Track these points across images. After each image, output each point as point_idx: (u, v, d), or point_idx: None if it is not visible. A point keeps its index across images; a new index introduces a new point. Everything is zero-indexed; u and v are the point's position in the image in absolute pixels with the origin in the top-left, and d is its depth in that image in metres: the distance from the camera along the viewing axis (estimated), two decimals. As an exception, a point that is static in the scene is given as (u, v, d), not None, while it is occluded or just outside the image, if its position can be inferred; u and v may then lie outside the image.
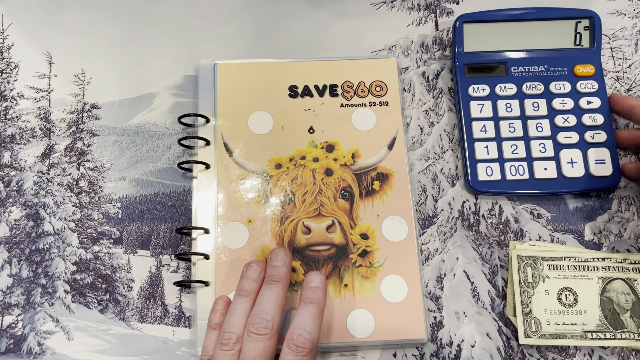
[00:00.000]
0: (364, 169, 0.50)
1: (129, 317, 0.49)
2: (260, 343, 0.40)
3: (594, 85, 0.52)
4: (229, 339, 0.41)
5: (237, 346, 0.40)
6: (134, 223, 0.52)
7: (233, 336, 0.41)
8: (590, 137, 0.51)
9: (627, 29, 0.58)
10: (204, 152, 0.51)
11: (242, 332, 0.41)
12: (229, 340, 0.41)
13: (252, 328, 0.40)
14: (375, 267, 0.48)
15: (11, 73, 0.56)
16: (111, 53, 0.56)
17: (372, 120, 0.52)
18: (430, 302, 0.49)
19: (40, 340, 0.47)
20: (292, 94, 0.53)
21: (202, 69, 0.54)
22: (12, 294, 0.48)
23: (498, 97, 0.52)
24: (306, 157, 0.51)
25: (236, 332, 0.41)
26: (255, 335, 0.40)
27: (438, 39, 0.57)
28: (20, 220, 0.51)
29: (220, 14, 0.58)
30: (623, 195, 0.52)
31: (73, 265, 0.50)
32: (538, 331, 0.45)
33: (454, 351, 0.47)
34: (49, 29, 0.57)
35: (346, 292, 0.47)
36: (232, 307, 0.43)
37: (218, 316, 0.44)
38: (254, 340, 0.40)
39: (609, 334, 0.45)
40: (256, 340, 0.40)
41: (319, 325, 0.41)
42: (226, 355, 0.40)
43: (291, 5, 0.58)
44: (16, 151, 0.53)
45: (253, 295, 0.43)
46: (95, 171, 0.53)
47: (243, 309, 0.42)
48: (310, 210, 0.49)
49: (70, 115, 0.55)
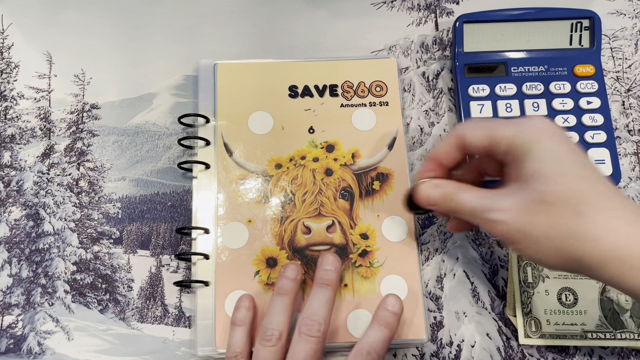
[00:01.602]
0: (364, 169, 0.50)
1: (129, 317, 0.49)
2: (312, 345, 0.40)
3: (594, 85, 0.52)
4: (272, 335, 0.41)
5: (280, 343, 0.41)
6: (134, 223, 0.52)
7: (276, 333, 0.41)
8: (590, 137, 0.51)
9: (627, 29, 0.58)
10: (204, 152, 0.51)
11: (284, 329, 0.41)
12: (271, 337, 0.41)
13: (304, 329, 0.40)
14: (375, 267, 0.48)
15: (11, 73, 0.56)
16: (111, 53, 0.56)
17: (372, 121, 0.52)
18: (430, 302, 0.49)
19: (40, 340, 0.47)
20: (292, 94, 0.53)
21: (202, 69, 0.54)
22: (12, 294, 0.48)
23: (498, 97, 0.52)
24: (306, 157, 0.51)
25: (279, 329, 0.41)
26: (307, 337, 0.40)
27: (438, 39, 0.57)
28: (20, 220, 0.51)
29: (220, 14, 0.58)
30: (623, 195, 0.52)
31: (73, 265, 0.50)
32: (538, 331, 0.45)
33: (454, 351, 0.47)
34: (49, 29, 0.57)
35: (346, 292, 0.47)
36: (271, 305, 0.43)
37: (243, 312, 0.44)
38: (305, 341, 0.40)
39: (609, 334, 0.45)
40: (307, 342, 0.40)
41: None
42: (269, 352, 0.40)
43: (291, 5, 0.58)
44: (16, 151, 0.53)
45: (291, 294, 0.43)
46: (95, 171, 0.53)
47: (283, 306, 0.42)
48: (310, 210, 0.49)
49: (70, 115, 0.55)
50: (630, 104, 0.55)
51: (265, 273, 0.47)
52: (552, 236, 0.33)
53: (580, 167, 0.33)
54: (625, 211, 0.32)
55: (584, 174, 0.33)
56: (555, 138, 0.34)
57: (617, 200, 0.32)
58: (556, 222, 0.32)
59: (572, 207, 0.32)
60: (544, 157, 0.34)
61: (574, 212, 0.32)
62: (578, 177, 0.33)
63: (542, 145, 0.34)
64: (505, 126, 0.36)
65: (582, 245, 0.32)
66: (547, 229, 0.33)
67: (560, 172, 0.33)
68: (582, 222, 0.32)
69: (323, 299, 0.42)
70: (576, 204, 0.32)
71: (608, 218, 0.32)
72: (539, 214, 0.33)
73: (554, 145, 0.34)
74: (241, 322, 0.44)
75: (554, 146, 0.34)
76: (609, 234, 0.31)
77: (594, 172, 0.34)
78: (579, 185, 0.32)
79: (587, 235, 0.32)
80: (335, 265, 0.45)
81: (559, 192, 0.33)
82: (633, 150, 0.54)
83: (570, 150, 0.34)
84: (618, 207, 0.32)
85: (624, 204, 0.32)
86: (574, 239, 0.32)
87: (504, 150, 0.36)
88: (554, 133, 0.34)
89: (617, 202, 0.32)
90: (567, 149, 0.34)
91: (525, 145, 0.35)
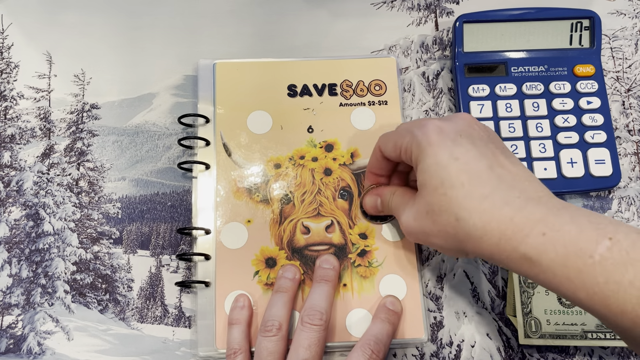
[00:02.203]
0: (363, 169, 0.50)
1: (129, 317, 0.49)
2: (315, 333, 0.41)
3: (594, 85, 0.52)
4: (272, 326, 0.41)
5: (280, 333, 0.41)
6: (134, 223, 0.52)
7: (276, 323, 0.42)
8: (590, 137, 0.51)
9: (627, 29, 0.58)
10: (204, 152, 0.51)
11: (284, 321, 0.42)
12: (272, 327, 0.41)
13: (307, 319, 0.41)
14: (374, 266, 0.48)
15: (11, 73, 0.56)
16: (111, 53, 0.56)
17: (371, 120, 0.52)
18: (430, 302, 0.49)
19: (40, 340, 0.47)
20: (291, 93, 0.53)
21: (201, 69, 0.54)
22: (12, 294, 0.48)
23: (498, 97, 0.52)
24: (305, 157, 0.51)
25: (279, 320, 0.42)
26: (310, 325, 0.41)
27: (438, 39, 0.57)
28: (20, 220, 0.51)
29: (220, 14, 0.58)
30: (623, 196, 0.52)
31: (73, 265, 0.50)
32: (538, 331, 0.45)
33: (454, 351, 0.47)
34: (49, 29, 0.57)
35: (345, 291, 0.47)
36: (271, 302, 0.44)
37: (238, 311, 0.45)
38: (308, 330, 0.41)
39: (609, 334, 0.45)
40: (311, 330, 0.41)
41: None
42: (270, 341, 0.41)
43: (291, 5, 0.58)
44: (16, 151, 0.53)
45: (290, 292, 0.44)
46: (95, 171, 0.53)
47: (282, 302, 0.43)
48: (309, 210, 0.49)
49: (70, 115, 0.55)
50: (630, 104, 0.55)
51: (264, 273, 0.47)
52: (445, 238, 0.37)
53: (459, 174, 0.35)
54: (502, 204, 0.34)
55: (463, 180, 0.35)
56: (439, 146, 0.36)
57: (493, 197, 0.34)
58: (443, 229, 0.36)
59: (454, 214, 0.35)
60: (427, 168, 0.37)
61: (455, 218, 0.35)
62: (456, 186, 0.35)
63: (426, 156, 0.37)
64: (404, 135, 0.39)
65: (466, 244, 0.35)
66: (438, 233, 0.37)
67: (440, 183, 0.36)
68: (464, 226, 0.35)
69: (323, 292, 0.43)
70: (457, 212, 0.35)
71: (484, 217, 0.34)
72: (429, 222, 0.37)
73: (437, 155, 0.36)
74: (237, 321, 0.44)
75: (437, 156, 0.36)
76: (487, 232, 0.34)
77: (474, 175, 0.35)
78: (457, 193, 0.35)
79: (470, 236, 0.35)
80: (333, 264, 0.46)
81: (441, 203, 0.36)
82: (633, 150, 0.54)
83: (451, 158, 0.36)
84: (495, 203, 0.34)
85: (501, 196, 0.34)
86: (460, 240, 0.36)
87: (408, 160, 0.40)
88: (440, 140, 0.37)
89: (494, 199, 0.34)
90: (449, 156, 0.36)
91: (415, 155, 0.38)
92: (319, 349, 0.41)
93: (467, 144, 0.36)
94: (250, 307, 0.45)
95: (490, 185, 0.35)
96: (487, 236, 0.34)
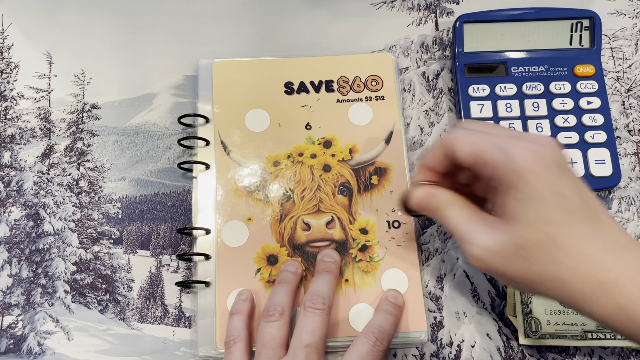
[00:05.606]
0: (361, 164, 0.50)
1: (129, 317, 0.49)
2: (318, 317, 0.41)
3: (594, 85, 0.52)
4: (275, 311, 0.41)
5: (283, 318, 0.41)
6: (134, 223, 0.52)
7: (278, 308, 0.42)
8: (590, 137, 0.51)
9: (627, 29, 0.58)
10: (204, 152, 0.51)
11: (287, 307, 0.42)
12: (274, 312, 0.41)
13: (309, 304, 0.41)
14: (376, 261, 0.48)
15: (11, 73, 0.56)
16: (111, 53, 0.56)
17: (369, 115, 0.52)
18: (430, 302, 0.49)
19: (40, 341, 0.47)
20: (288, 90, 0.53)
21: (201, 69, 0.54)
22: (12, 294, 0.48)
23: (498, 97, 0.52)
24: (304, 154, 0.51)
25: (281, 305, 0.42)
26: (312, 310, 0.41)
27: (438, 39, 0.57)
28: (20, 220, 0.51)
29: (220, 13, 0.58)
30: (623, 196, 0.52)
31: (73, 266, 0.50)
32: (538, 331, 0.45)
33: (454, 351, 0.47)
34: (49, 29, 0.57)
35: (347, 287, 0.47)
36: (273, 291, 0.44)
37: (241, 303, 0.45)
38: (312, 314, 0.41)
39: (609, 334, 0.45)
40: (314, 315, 0.41)
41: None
42: (273, 326, 0.41)
43: (291, 5, 0.58)
44: (16, 151, 0.53)
45: (292, 284, 0.45)
46: (95, 171, 0.53)
47: (285, 290, 0.44)
48: (309, 206, 0.49)
49: (70, 115, 0.55)
50: (630, 104, 0.55)
51: (266, 271, 0.47)
52: (525, 277, 0.33)
53: (561, 213, 0.32)
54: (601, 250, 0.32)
55: (565, 219, 0.32)
56: (541, 176, 0.32)
57: (593, 242, 0.32)
58: (530, 267, 0.33)
59: (548, 254, 0.32)
60: (526, 198, 0.32)
61: (549, 259, 0.32)
62: (558, 224, 0.32)
63: (526, 185, 0.32)
64: (493, 149, 0.34)
65: (553, 287, 0.33)
66: (521, 271, 0.33)
67: (540, 218, 0.32)
68: (555, 269, 0.32)
69: (325, 280, 0.44)
70: (553, 252, 0.32)
71: (579, 264, 0.32)
72: (515, 257, 0.33)
73: (539, 186, 0.32)
74: (238, 311, 0.44)
75: (539, 187, 0.32)
76: (580, 280, 0.31)
77: (577, 213, 0.32)
78: (558, 231, 0.32)
79: (559, 279, 0.32)
80: (334, 258, 0.46)
81: (537, 239, 0.32)
82: (633, 150, 0.54)
83: (554, 193, 0.32)
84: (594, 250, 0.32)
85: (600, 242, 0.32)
86: (545, 283, 0.33)
87: (488, 175, 0.35)
88: (542, 170, 0.33)
89: (593, 245, 0.32)
90: (551, 190, 0.32)
91: (508, 178, 0.33)
92: (322, 334, 0.40)
93: (567, 180, 0.33)
94: (252, 301, 0.45)
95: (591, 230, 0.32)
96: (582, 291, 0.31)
